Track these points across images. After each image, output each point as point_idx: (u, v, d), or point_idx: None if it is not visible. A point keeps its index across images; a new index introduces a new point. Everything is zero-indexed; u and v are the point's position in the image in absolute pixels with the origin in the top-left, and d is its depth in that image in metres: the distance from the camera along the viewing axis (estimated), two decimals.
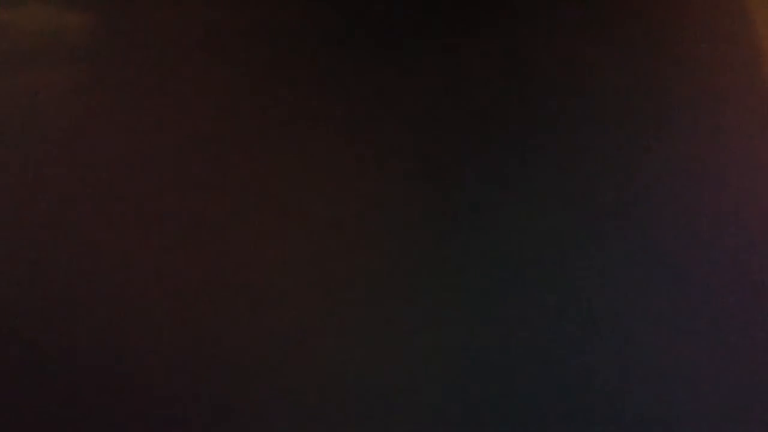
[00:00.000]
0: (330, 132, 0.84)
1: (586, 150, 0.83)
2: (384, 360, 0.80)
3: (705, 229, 0.83)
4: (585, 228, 0.83)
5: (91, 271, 0.82)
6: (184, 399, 0.79)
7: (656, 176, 0.83)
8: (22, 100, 0.85)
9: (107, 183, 0.83)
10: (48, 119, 0.84)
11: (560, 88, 0.84)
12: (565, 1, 0.85)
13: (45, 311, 0.81)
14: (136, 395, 0.79)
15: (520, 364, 0.80)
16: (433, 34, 0.85)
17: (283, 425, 0.78)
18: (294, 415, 0.79)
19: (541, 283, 0.82)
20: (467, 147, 0.84)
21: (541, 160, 0.83)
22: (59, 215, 0.83)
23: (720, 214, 0.83)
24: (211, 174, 0.84)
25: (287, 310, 0.82)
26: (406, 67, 0.84)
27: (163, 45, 0.85)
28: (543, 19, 0.85)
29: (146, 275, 0.82)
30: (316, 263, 0.82)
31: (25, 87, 0.85)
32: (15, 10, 0.86)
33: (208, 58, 0.85)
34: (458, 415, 0.79)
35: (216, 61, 0.85)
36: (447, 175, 0.83)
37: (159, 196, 0.83)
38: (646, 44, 0.84)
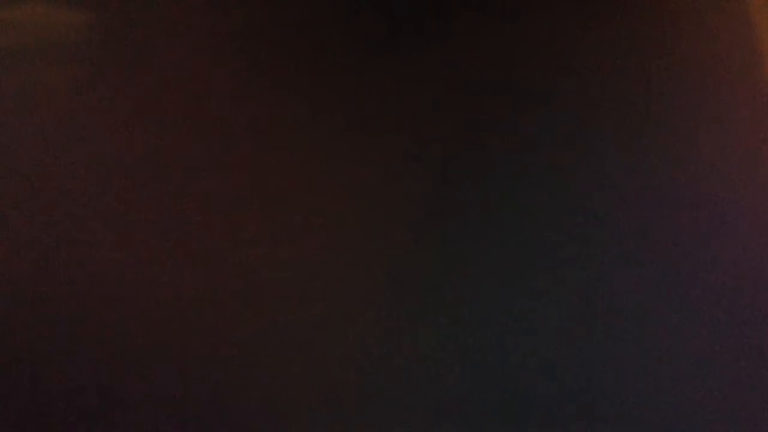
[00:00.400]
0: (330, 131, 0.84)
1: (585, 149, 0.83)
2: (384, 359, 0.80)
3: (705, 229, 0.83)
4: (584, 227, 0.83)
5: (90, 270, 0.82)
6: (184, 399, 0.79)
7: (656, 176, 0.83)
8: (22, 97, 0.84)
9: (107, 181, 0.83)
10: (47, 117, 0.84)
11: (559, 88, 0.84)
12: (564, 1, 0.85)
13: (44, 310, 0.81)
14: (135, 395, 0.79)
15: (520, 363, 0.80)
16: (432, 33, 0.85)
17: (283, 425, 0.78)
18: (294, 415, 0.79)
19: (540, 281, 0.82)
20: (467, 146, 0.84)
21: (541, 160, 0.83)
22: (58, 213, 0.83)
23: (720, 214, 0.83)
24: (210, 173, 0.84)
25: (287, 310, 0.82)
26: (406, 65, 0.84)
27: (162, 43, 0.85)
28: (542, 20, 0.85)
29: (144, 274, 0.82)
30: (316, 263, 0.82)
31: (25, 85, 0.84)
32: (15, 8, 0.86)
33: (207, 56, 0.85)
34: (458, 414, 0.79)
35: (215, 60, 0.85)
36: (447, 174, 0.83)
37: (159, 194, 0.83)
38: (646, 44, 0.84)
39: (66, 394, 0.79)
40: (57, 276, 0.81)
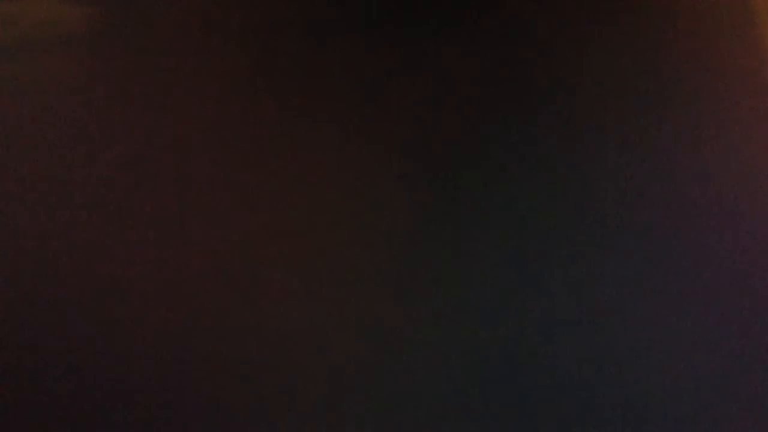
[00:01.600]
0: (330, 130, 0.84)
1: (586, 149, 0.84)
2: (384, 359, 0.80)
3: (705, 228, 0.83)
4: (585, 226, 0.83)
5: (90, 268, 0.82)
6: (184, 398, 0.79)
7: (656, 175, 0.84)
8: (23, 89, 0.85)
9: (106, 175, 0.83)
10: (48, 109, 0.84)
11: (560, 88, 0.84)
12: (565, 2, 0.85)
13: (44, 307, 0.81)
14: (136, 394, 0.79)
15: (520, 363, 0.80)
16: (433, 33, 0.85)
17: (283, 425, 0.78)
18: (294, 415, 0.79)
19: (541, 281, 0.82)
20: (467, 146, 0.84)
21: (541, 160, 0.83)
22: (58, 207, 0.83)
23: (720, 213, 0.83)
24: (210, 170, 0.84)
25: (288, 309, 0.82)
26: (407, 66, 0.85)
27: (161, 37, 0.85)
28: (542, 21, 0.85)
29: (143, 272, 0.82)
30: (317, 263, 0.82)
31: (27, 77, 0.85)
32: (16, 3, 0.86)
33: (205, 50, 0.85)
34: (459, 414, 0.79)
35: (213, 54, 0.85)
36: (447, 174, 0.83)
37: (159, 190, 0.83)
38: (647, 43, 0.84)
39: (66, 393, 0.79)
40: (56, 268, 0.81)
